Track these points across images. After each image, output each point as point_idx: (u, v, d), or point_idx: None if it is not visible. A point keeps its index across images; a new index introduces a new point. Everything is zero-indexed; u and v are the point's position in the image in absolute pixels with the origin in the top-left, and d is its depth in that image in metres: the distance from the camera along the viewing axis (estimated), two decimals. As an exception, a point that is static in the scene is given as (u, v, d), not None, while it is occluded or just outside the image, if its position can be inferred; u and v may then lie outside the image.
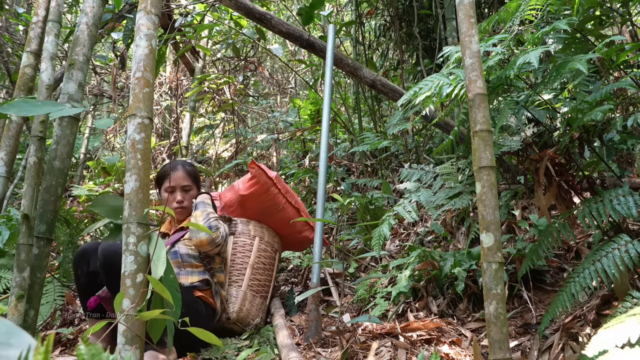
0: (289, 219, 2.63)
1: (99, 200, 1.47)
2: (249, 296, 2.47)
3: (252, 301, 2.48)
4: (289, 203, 2.64)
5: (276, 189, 2.58)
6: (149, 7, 1.49)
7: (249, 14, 3.02)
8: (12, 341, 0.44)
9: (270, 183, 2.56)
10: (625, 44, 1.92)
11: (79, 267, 2.12)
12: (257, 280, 2.54)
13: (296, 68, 7.53)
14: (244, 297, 2.46)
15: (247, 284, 2.49)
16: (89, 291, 2.13)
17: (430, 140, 4.18)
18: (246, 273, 2.51)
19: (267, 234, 2.67)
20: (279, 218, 2.65)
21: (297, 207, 2.68)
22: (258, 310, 2.51)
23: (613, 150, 2.10)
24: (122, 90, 5.84)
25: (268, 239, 2.67)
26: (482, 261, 1.34)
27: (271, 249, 2.67)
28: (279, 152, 5.98)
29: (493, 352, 1.26)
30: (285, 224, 2.66)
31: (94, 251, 2.11)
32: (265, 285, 2.59)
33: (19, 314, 1.50)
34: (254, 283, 2.52)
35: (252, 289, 2.50)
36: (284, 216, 2.64)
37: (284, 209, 2.62)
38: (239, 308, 2.43)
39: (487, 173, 1.37)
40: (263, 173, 2.54)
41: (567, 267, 2.26)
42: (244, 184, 2.60)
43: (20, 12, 4.25)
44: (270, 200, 2.58)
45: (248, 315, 2.45)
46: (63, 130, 1.69)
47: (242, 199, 2.57)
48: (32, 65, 1.85)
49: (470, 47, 1.47)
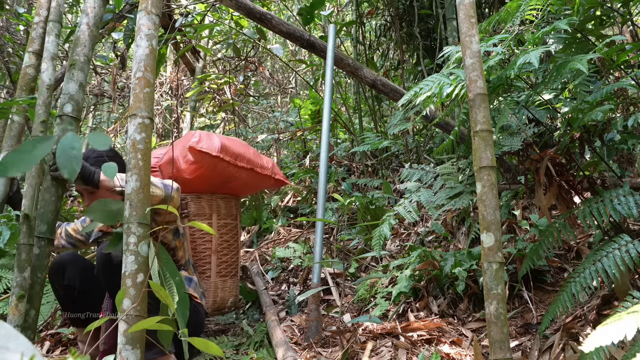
0: (246, 183, 2.47)
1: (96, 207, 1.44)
2: (219, 284, 2.42)
3: (224, 287, 2.44)
4: (242, 168, 2.42)
5: (224, 163, 2.32)
6: (150, 7, 1.50)
7: (249, 14, 3.02)
8: (10, 345, 0.44)
9: (216, 161, 2.29)
10: (626, 44, 1.92)
11: (55, 280, 2.06)
12: (224, 263, 2.46)
13: (297, 68, 7.53)
14: (215, 287, 2.40)
15: (215, 272, 2.41)
16: (68, 305, 2.09)
17: (431, 140, 4.18)
18: (212, 262, 2.42)
19: (222, 204, 2.50)
20: (234, 186, 2.49)
21: (251, 166, 2.46)
22: (231, 292, 2.46)
23: (614, 150, 2.10)
24: (123, 90, 5.85)
25: (225, 210, 2.51)
26: (482, 261, 1.34)
27: (231, 218, 2.53)
28: (280, 152, 5.99)
29: (493, 352, 1.26)
30: (242, 187, 2.52)
31: (69, 263, 2.06)
32: (232, 263, 2.51)
33: (19, 314, 1.50)
34: (222, 268, 2.44)
35: (220, 275, 2.43)
36: (238, 184, 2.47)
37: (237, 177, 2.43)
38: (213, 300, 2.39)
39: (487, 173, 1.37)
40: (206, 155, 2.25)
41: (568, 267, 2.26)
42: (186, 164, 2.30)
43: (21, 12, 4.25)
44: (220, 175, 2.36)
45: (223, 302, 2.42)
46: (64, 130, 1.69)
47: (188, 181, 2.34)
48: (34, 66, 1.85)
49: (470, 47, 1.47)
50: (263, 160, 2.58)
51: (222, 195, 2.52)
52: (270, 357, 1.97)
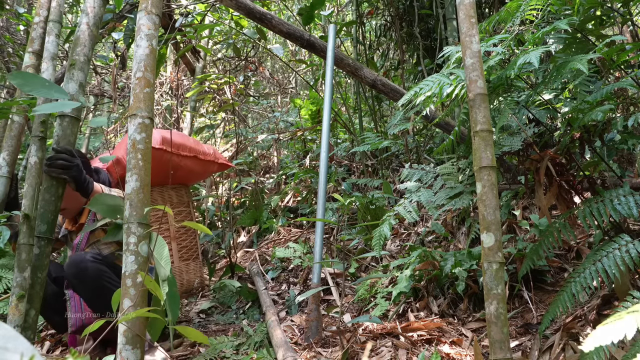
0: (191, 170, 2.54)
1: (97, 200, 1.49)
2: (183, 268, 2.50)
3: (187, 270, 2.52)
4: (185, 157, 2.49)
5: (167, 154, 2.39)
6: (150, 7, 1.50)
7: (249, 14, 3.02)
8: (9, 345, 0.44)
9: (160, 153, 2.36)
10: (626, 44, 1.92)
11: None
12: (184, 248, 2.53)
13: (297, 68, 7.53)
14: (180, 271, 2.48)
15: (177, 257, 2.48)
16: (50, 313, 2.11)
17: (431, 140, 4.18)
18: (173, 248, 2.47)
19: (174, 194, 2.57)
20: (181, 175, 2.55)
21: (194, 154, 2.52)
22: (195, 274, 2.55)
23: (614, 150, 2.10)
24: (123, 90, 5.84)
25: (177, 198, 2.58)
26: (482, 261, 1.34)
27: (183, 206, 2.61)
28: (280, 152, 5.99)
29: (494, 352, 1.26)
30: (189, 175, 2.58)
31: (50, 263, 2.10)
32: (192, 246, 2.59)
33: (19, 314, 1.50)
34: (183, 252, 2.52)
35: (183, 259, 2.51)
36: (184, 172, 2.53)
37: (182, 166, 2.50)
38: (180, 284, 2.47)
39: (487, 173, 1.37)
40: None
41: (568, 267, 2.26)
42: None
43: (21, 12, 4.25)
44: (165, 166, 2.43)
45: (190, 284, 2.51)
46: (64, 130, 1.69)
47: None
48: (35, 66, 1.85)
49: (470, 47, 1.47)
50: (204, 147, 2.68)
51: (172, 186, 2.60)
52: (270, 357, 1.97)
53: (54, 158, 1.63)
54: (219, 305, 2.95)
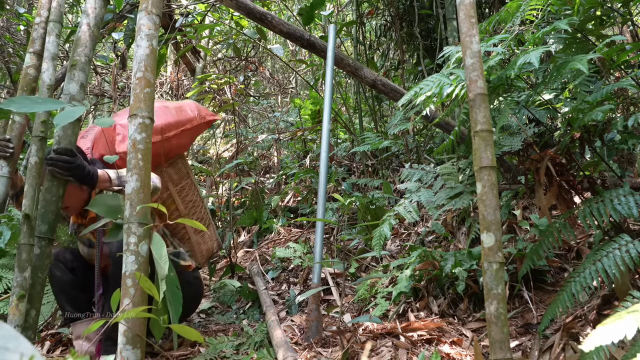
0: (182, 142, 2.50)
1: (98, 200, 1.49)
2: (200, 240, 2.52)
3: (204, 241, 2.55)
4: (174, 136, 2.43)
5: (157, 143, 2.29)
6: (150, 7, 1.50)
7: (249, 14, 3.03)
8: (10, 345, 0.44)
9: None
10: (626, 44, 1.92)
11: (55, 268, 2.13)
12: (197, 220, 2.54)
13: (297, 68, 7.53)
14: (198, 244, 2.50)
15: (192, 232, 2.50)
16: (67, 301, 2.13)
17: (431, 140, 4.18)
18: (186, 225, 2.47)
19: (172, 171, 2.55)
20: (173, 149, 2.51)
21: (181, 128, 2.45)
22: (212, 240, 2.59)
23: (614, 150, 2.10)
24: (123, 90, 5.85)
25: (176, 175, 2.57)
26: (482, 261, 1.34)
27: (184, 179, 2.59)
28: (280, 152, 5.99)
29: (494, 352, 1.26)
30: (181, 146, 2.55)
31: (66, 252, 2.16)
32: (204, 215, 2.61)
33: (20, 313, 1.50)
34: None
35: (198, 232, 2.51)
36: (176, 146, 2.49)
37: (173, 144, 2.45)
38: (200, 255, 2.51)
39: (487, 173, 1.37)
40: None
41: (568, 267, 2.26)
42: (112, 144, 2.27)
43: (22, 13, 4.26)
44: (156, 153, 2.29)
45: (209, 252, 2.55)
46: (64, 130, 1.70)
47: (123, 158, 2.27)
48: (35, 66, 1.85)
49: (471, 47, 1.47)
50: (187, 112, 2.54)
51: (168, 162, 2.56)
52: (270, 357, 1.97)
53: (55, 159, 1.63)
54: (219, 305, 2.95)
